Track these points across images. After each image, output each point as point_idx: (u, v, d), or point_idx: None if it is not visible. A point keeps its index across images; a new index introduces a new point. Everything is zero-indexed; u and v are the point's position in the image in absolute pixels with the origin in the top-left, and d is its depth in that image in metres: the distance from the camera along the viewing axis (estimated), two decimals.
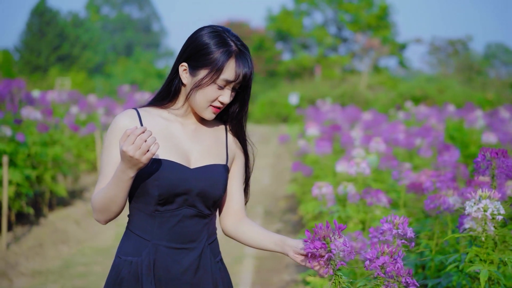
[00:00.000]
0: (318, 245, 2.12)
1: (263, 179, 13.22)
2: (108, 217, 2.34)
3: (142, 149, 2.08)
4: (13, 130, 7.73)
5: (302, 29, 42.41)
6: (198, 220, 2.39)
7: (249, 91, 2.46)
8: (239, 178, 2.58)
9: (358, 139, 7.68)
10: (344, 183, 5.03)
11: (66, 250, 7.27)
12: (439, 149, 6.03)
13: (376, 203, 4.58)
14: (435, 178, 4.13)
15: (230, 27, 2.44)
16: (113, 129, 2.36)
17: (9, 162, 7.38)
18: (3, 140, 7.40)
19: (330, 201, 5.13)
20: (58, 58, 52.47)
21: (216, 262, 2.47)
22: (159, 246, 2.34)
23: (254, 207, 10.07)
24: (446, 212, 3.61)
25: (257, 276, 6.55)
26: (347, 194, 4.98)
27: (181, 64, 2.38)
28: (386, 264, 2.24)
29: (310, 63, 39.57)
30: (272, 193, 11.29)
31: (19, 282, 6.16)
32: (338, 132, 8.96)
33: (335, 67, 39.43)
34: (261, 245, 2.46)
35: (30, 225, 7.97)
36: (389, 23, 40.53)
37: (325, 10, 42.45)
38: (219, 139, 2.52)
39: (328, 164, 7.53)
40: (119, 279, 2.35)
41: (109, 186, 2.24)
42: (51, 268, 6.58)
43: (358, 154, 6.15)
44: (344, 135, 8.09)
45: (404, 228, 2.70)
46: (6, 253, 6.84)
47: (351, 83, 32.19)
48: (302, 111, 18.68)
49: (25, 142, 7.77)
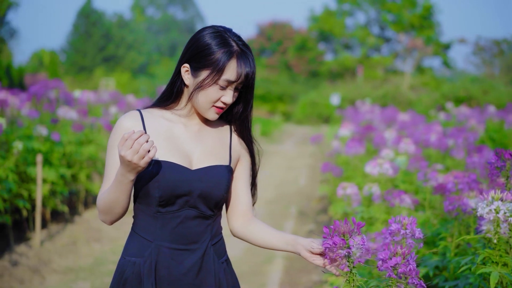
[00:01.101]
0: (337, 241, 2.10)
1: (300, 180, 13.21)
2: (113, 218, 2.36)
3: (140, 154, 2.08)
4: (49, 130, 7.88)
5: (344, 29, 42.21)
6: (201, 221, 2.39)
7: (252, 90, 2.45)
8: (245, 179, 2.58)
9: (391, 140, 7.62)
10: (369, 184, 5.01)
11: (98, 248, 7.37)
12: (469, 150, 5.95)
13: (399, 204, 4.55)
14: (458, 179, 4.08)
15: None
16: (116, 131, 2.37)
17: (44, 161, 7.53)
18: (38, 139, 7.55)
19: (355, 201, 5.12)
20: (103, 58, 53.21)
21: (220, 263, 2.47)
22: (162, 247, 2.35)
23: (288, 207, 10.07)
24: (466, 214, 3.56)
25: (285, 276, 6.55)
26: (372, 195, 4.97)
27: (183, 65, 2.38)
28: (398, 265, 2.23)
29: (352, 64, 39.37)
30: (307, 193, 11.27)
31: (51, 278, 6.26)
32: (372, 132, 8.90)
33: (378, 67, 39.14)
34: (272, 245, 2.45)
35: (64, 223, 8.12)
36: (433, 23, 40.03)
37: (368, 10, 42.18)
38: (223, 139, 2.51)
39: (358, 164, 7.48)
40: (123, 279, 2.37)
41: (111, 189, 2.26)
42: (83, 266, 6.68)
43: (386, 155, 6.11)
44: (377, 135, 8.03)
45: (412, 229, 2.68)
46: (40, 250, 6.98)
47: (393, 83, 31.91)
48: (341, 112, 18.57)
49: (61, 142, 7.91)
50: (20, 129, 7.71)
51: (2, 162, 6.64)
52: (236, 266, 6.78)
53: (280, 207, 10.21)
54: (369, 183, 5.02)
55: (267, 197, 11.30)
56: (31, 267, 6.46)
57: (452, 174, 4.66)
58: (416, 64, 38.46)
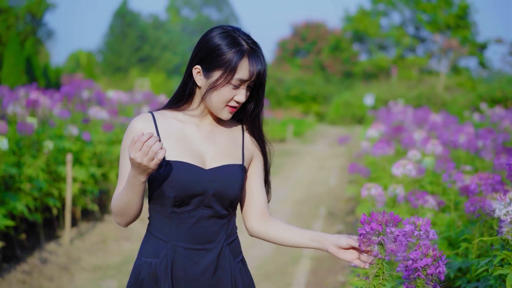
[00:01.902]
0: (375, 226, 2.12)
1: (330, 180, 13.19)
2: (127, 220, 2.38)
3: (149, 156, 2.09)
4: (80, 130, 7.99)
5: (379, 30, 41.94)
6: (216, 221, 2.39)
7: (263, 88, 2.45)
8: (259, 178, 2.58)
9: (420, 141, 7.56)
10: (394, 184, 4.99)
11: (127, 247, 7.45)
12: (497, 151, 5.88)
13: (422, 205, 4.53)
14: (482, 181, 4.05)
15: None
16: (128, 133, 2.39)
17: (75, 160, 7.64)
18: (69, 139, 7.67)
19: (380, 202, 5.10)
20: (139, 59, 53.68)
21: (236, 262, 2.47)
22: (177, 248, 2.35)
23: (317, 208, 10.06)
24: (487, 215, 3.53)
25: (312, 276, 6.55)
26: (396, 196, 4.95)
27: (194, 67, 2.39)
28: (428, 266, 2.23)
29: (387, 64, 39.12)
30: (337, 194, 11.24)
31: (79, 276, 6.35)
32: (402, 133, 8.85)
33: (412, 68, 38.81)
34: (296, 242, 2.45)
35: (94, 222, 8.23)
36: (469, 23, 39.54)
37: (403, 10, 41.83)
38: (235, 139, 2.52)
39: (386, 165, 7.45)
40: (139, 280, 2.38)
41: (124, 191, 2.28)
42: (111, 264, 6.76)
43: (413, 156, 6.08)
44: (406, 136, 7.98)
45: (426, 230, 2.67)
46: (69, 248, 7.08)
47: (428, 84, 31.62)
48: (374, 113, 18.48)
49: (91, 141, 8.02)
50: (51, 129, 7.84)
51: (33, 161, 6.75)
52: (264, 266, 6.82)
53: (309, 207, 10.20)
54: (394, 184, 5.00)
55: (297, 197, 11.31)
56: (61, 264, 6.56)
57: (477, 175, 4.63)
58: (452, 64, 38.04)
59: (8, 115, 7.68)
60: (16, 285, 5.79)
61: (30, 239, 7.11)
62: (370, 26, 41.30)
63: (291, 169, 15.54)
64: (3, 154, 6.00)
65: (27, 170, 6.56)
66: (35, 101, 7.30)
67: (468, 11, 39.43)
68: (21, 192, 6.45)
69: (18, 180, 6.45)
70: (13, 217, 6.39)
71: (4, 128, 6.14)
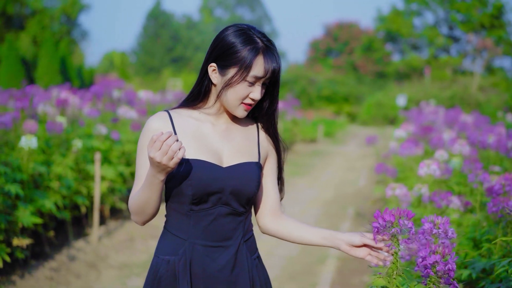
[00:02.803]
0: (387, 218, 2.15)
1: (360, 181, 13.14)
2: (144, 219, 2.40)
3: (169, 155, 2.10)
4: (109, 129, 8.07)
5: (412, 29, 41.59)
6: (233, 218, 2.41)
7: (278, 86, 2.47)
8: (273, 176, 2.60)
9: (449, 141, 7.49)
10: (419, 184, 4.96)
11: (154, 245, 7.49)
12: None
13: (447, 206, 4.49)
14: (506, 181, 4.01)
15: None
16: (145, 132, 2.42)
17: (104, 159, 7.73)
18: (98, 138, 7.75)
19: (405, 202, 5.08)
20: (172, 59, 54.01)
21: (253, 259, 2.49)
22: (195, 245, 2.37)
23: (345, 208, 10.03)
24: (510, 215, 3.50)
25: (337, 276, 6.53)
26: (421, 196, 4.91)
27: (210, 64, 2.41)
28: (437, 263, 2.23)
29: (420, 64, 38.81)
30: (366, 194, 11.18)
31: (106, 273, 6.42)
32: (431, 134, 8.78)
33: (446, 68, 38.44)
34: (306, 240, 2.47)
35: (122, 220, 8.31)
36: (504, 22, 39.02)
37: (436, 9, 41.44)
38: (251, 137, 2.54)
39: (414, 166, 7.40)
40: (157, 278, 2.40)
41: (142, 189, 2.30)
42: (138, 262, 6.82)
43: (440, 156, 6.02)
44: (434, 137, 7.92)
45: (445, 228, 2.66)
46: (97, 246, 7.16)
47: (461, 84, 31.30)
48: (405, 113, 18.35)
49: (120, 140, 8.10)
50: (81, 128, 7.94)
51: (62, 160, 6.85)
52: (289, 266, 6.82)
53: (338, 208, 10.18)
54: (419, 184, 4.96)
55: (326, 197, 11.29)
56: (88, 262, 6.64)
57: (502, 176, 4.58)
58: (486, 64, 37.60)
59: (39, 115, 7.80)
60: (43, 281, 5.87)
61: (59, 237, 7.20)
62: (403, 26, 40.98)
63: (320, 170, 15.50)
64: (32, 152, 6.08)
65: (56, 169, 6.65)
66: (64, 101, 7.40)
67: (503, 11, 38.92)
68: (50, 190, 6.54)
69: (47, 178, 6.54)
70: (42, 214, 6.48)
71: (34, 127, 6.24)
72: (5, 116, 6.32)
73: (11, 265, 5.94)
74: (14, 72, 24.84)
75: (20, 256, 5.62)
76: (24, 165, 5.98)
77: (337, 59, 46.79)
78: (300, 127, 21.25)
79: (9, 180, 5.57)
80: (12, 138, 6.63)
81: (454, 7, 39.56)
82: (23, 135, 5.92)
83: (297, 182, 13.28)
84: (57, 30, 39.07)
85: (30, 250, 6.30)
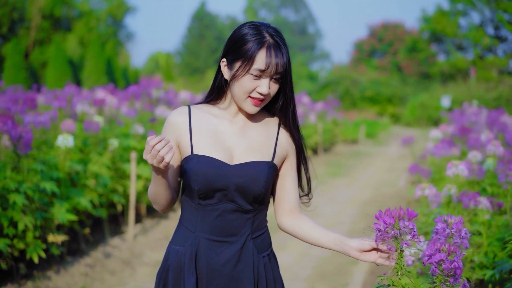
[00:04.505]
0: (388, 220, 2.16)
1: (399, 182, 13.05)
2: (161, 208, 2.50)
3: (157, 159, 2.21)
4: (146, 128, 8.19)
5: (457, 30, 41.00)
6: (240, 215, 2.44)
7: (287, 82, 2.46)
8: (292, 176, 2.59)
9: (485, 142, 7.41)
10: (448, 185, 4.93)
11: None
12: None
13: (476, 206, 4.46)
14: None
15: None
16: (165, 125, 2.51)
17: (140, 158, 7.84)
18: (135, 137, 7.87)
19: (434, 203, 5.05)
20: (216, 60, 54.17)
21: (261, 257, 2.50)
22: (201, 238, 2.43)
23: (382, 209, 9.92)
24: None
25: (369, 277, 6.51)
26: (451, 197, 4.88)
27: (222, 60, 2.45)
28: (442, 261, 2.24)
29: (465, 65, 38.24)
30: (404, 196, 11.09)
31: (141, 271, 6.52)
32: (469, 135, 8.67)
33: (492, 69, 37.79)
34: (319, 243, 2.49)
35: (159, 219, 8.42)
36: None
37: (483, 9, 40.77)
38: (270, 135, 2.54)
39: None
40: (167, 266, 2.48)
41: (151, 183, 2.42)
42: None
43: (473, 157, 5.97)
44: (470, 138, 7.82)
45: (458, 228, 2.65)
46: (132, 243, 7.28)
47: (508, 85, 30.72)
48: (447, 114, 18.15)
49: None
50: (118, 127, 8.07)
51: (98, 158, 6.98)
52: (321, 265, 6.82)
53: (375, 208, 10.12)
54: (449, 184, 4.92)
55: (363, 198, 11.25)
56: (123, 259, 6.75)
57: None
58: None
59: (78, 114, 7.96)
60: (78, 277, 5.99)
61: (96, 234, 7.34)
62: (448, 26, 40.38)
63: (360, 170, 15.44)
64: (69, 151, 6.22)
65: (93, 167, 6.78)
66: (102, 101, 7.54)
67: None
68: (86, 188, 6.67)
69: (84, 176, 6.67)
70: (78, 212, 6.61)
71: (72, 127, 6.38)
72: (44, 116, 6.46)
73: (47, 261, 6.08)
74: (61, 73, 25.33)
75: (56, 252, 5.75)
76: (61, 164, 6.12)
77: (381, 60, 46.45)
78: (341, 128, 21.17)
79: (46, 178, 5.70)
80: (51, 137, 6.78)
81: (501, 7, 38.81)
82: (60, 134, 6.06)
83: (336, 182, 13.26)
84: (103, 32, 39.65)
85: (66, 247, 6.44)
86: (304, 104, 18.05)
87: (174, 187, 2.51)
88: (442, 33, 40.97)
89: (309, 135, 15.70)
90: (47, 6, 33.13)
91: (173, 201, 2.50)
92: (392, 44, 45.83)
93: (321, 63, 70.78)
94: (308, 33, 73.54)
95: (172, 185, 2.50)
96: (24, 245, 5.33)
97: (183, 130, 2.46)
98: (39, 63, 30.83)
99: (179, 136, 2.46)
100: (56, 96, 9.40)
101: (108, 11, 41.91)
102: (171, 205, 2.52)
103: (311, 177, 2.71)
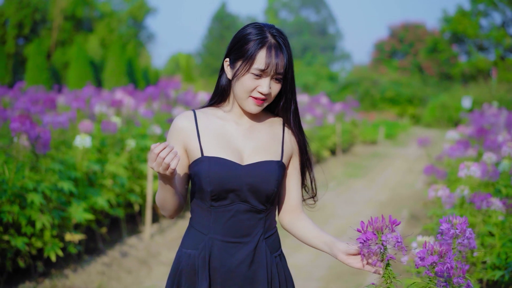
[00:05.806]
0: (370, 236, 2.16)
1: (417, 183, 13.02)
2: (169, 214, 2.53)
3: (163, 166, 2.23)
4: (163, 129, 8.26)
5: (478, 30, 40.69)
6: (252, 215, 2.46)
7: (288, 82, 2.49)
8: (295, 175, 2.62)
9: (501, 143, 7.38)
10: (461, 186, 4.94)
11: None
12: None
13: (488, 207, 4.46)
14: None
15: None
16: (171, 130, 2.53)
17: None
18: (152, 138, 7.95)
19: (448, 204, 5.05)
20: None
21: (274, 257, 2.52)
22: (215, 240, 2.44)
23: (400, 211, 9.96)
24: None
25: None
26: (464, 198, 4.90)
27: (225, 60, 2.48)
28: (435, 264, 2.25)
29: (486, 66, 37.95)
30: (422, 197, 11.06)
31: (157, 270, 6.58)
32: (487, 136, 8.64)
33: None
34: (311, 243, 2.52)
35: (175, 218, 8.48)
36: None
37: (504, 9, 40.43)
38: (275, 135, 2.56)
39: None
40: (179, 270, 2.49)
41: (158, 189, 2.44)
42: None
43: (488, 158, 5.96)
44: (487, 139, 7.80)
45: (462, 228, 2.67)
46: (149, 243, 7.35)
47: None
48: (466, 115, 18.06)
49: None
50: (136, 128, 8.15)
51: (116, 158, 7.06)
52: (337, 266, 6.85)
53: (392, 209, 10.12)
54: (461, 185, 4.94)
55: (381, 199, 11.25)
56: (140, 258, 6.82)
57: None
58: None
59: (96, 115, 8.05)
60: (95, 276, 6.07)
61: (113, 233, 7.43)
62: (469, 27, 40.10)
63: (378, 171, 15.42)
64: (87, 151, 6.30)
65: (110, 167, 6.86)
66: (119, 102, 7.62)
67: None
68: (103, 188, 6.75)
69: (101, 176, 6.76)
70: (95, 211, 6.69)
71: (90, 127, 6.46)
72: (62, 116, 6.55)
73: (64, 259, 6.17)
74: (83, 74, 25.55)
75: (73, 251, 5.83)
76: (78, 164, 6.21)
77: (402, 61, 46.23)
78: (360, 129, 21.13)
79: (63, 177, 5.79)
80: (69, 137, 6.87)
81: None
82: (78, 135, 6.14)
83: (354, 183, 13.26)
84: (124, 33, 39.90)
85: (83, 246, 6.52)
86: (322, 105, 18.06)
87: (181, 193, 2.53)
88: (463, 34, 40.68)
89: (327, 136, 15.72)
90: (69, 7, 33.43)
91: (180, 207, 2.52)
92: (412, 44, 45.59)
93: (342, 64, 70.58)
94: (329, 33, 73.33)
95: (180, 191, 2.51)
96: (42, 244, 5.41)
97: (191, 134, 2.48)
98: (61, 64, 31.13)
99: (187, 140, 2.48)
100: (76, 97, 9.51)
101: (129, 12, 42.16)
102: (179, 211, 2.54)
103: (315, 178, 2.72)
